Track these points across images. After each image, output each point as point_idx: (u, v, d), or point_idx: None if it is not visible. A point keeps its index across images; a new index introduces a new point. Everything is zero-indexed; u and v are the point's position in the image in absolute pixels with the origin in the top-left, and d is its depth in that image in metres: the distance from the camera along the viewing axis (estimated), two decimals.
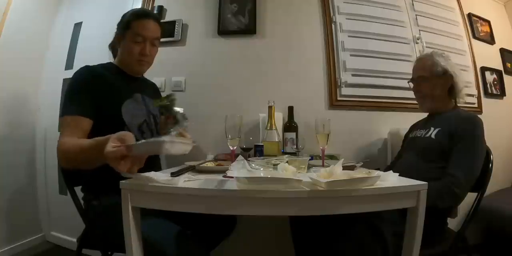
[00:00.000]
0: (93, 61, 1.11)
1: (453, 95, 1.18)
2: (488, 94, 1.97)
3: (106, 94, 1.00)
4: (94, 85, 0.99)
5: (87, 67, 1.05)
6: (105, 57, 1.27)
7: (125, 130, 1.00)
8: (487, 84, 1.98)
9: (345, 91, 1.65)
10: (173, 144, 0.65)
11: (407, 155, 1.18)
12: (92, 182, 1.00)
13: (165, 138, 0.64)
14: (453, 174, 0.97)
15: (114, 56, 1.20)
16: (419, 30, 1.80)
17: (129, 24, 1.07)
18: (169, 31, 1.69)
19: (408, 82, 1.28)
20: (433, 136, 1.10)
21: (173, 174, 0.75)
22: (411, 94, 1.28)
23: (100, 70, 1.05)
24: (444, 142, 1.05)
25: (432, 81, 1.16)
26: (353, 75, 1.66)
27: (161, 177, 0.71)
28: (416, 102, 1.27)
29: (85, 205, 1.01)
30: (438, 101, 1.18)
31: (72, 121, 0.92)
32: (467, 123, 1.04)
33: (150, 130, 1.14)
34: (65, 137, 0.88)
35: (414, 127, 1.31)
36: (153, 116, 1.17)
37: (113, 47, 1.21)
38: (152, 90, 1.30)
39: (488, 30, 2.11)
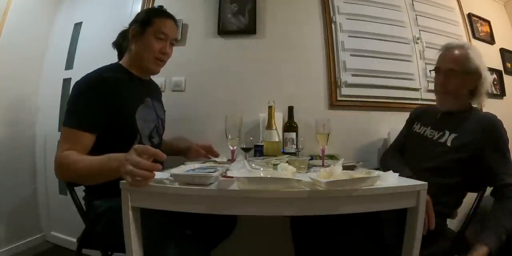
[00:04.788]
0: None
1: (473, 96, 1.08)
2: (488, 94, 1.97)
3: (118, 102, 0.94)
4: (104, 94, 0.92)
5: (95, 73, 0.97)
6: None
7: (137, 138, 1.00)
8: None
9: (345, 91, 1.65)
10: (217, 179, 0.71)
11: (412, 160, 1.09)
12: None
13: (214, 174, 0.70)
14: None
15: (120, 56, 1.15)
16: (419, 30, 1.79)
17: (151, 20, 1.04)
18: None
19: (430, 70, 1.16)
20: (448, 143, 1.01)
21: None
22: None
23: (108, 76, 0.96)
24: (463, 154, 0.97)
25: (462, 77, 1.03)
26: (353, 75, 1.66)
27: (161, 177, 0.71)
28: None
29: (86, 205, 1.00)
30: (459, 100, 1.07)
31: (71, 135, 0.87)
32: (490, 131, 0.98)
33: (158, 135, 1.13)
34: (64, 151, 0.84)
35: (422, 119, 1.20)
36: (161, 120, 1.17)
37: (120, 45, 1.15)
38: (158, 92, 1.30)
39: (488, 30, 2.11)
